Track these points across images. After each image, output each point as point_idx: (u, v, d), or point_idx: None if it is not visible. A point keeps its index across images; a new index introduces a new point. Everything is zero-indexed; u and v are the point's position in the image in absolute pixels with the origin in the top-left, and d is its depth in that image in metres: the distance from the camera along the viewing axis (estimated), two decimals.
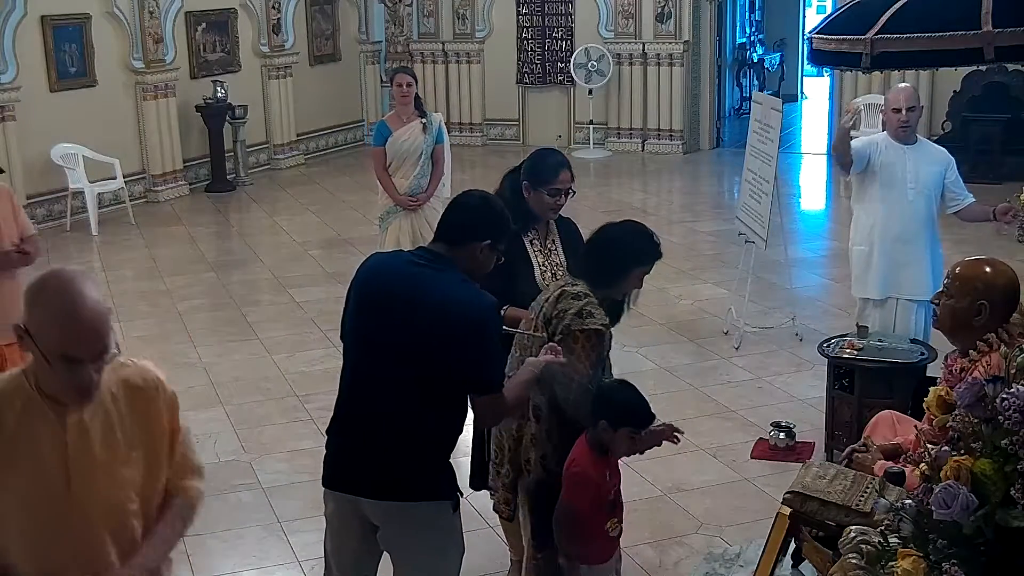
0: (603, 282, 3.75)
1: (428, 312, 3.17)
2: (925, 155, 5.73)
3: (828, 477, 3.67)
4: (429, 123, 7.42)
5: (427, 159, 7.36)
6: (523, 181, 4.31)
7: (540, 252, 4.31)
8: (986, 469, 2.33)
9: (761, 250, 7.43)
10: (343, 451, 3.37)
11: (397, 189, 7.35)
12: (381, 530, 3.34)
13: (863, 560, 2.58)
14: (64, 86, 11.20)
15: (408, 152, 7.34)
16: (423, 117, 7.43)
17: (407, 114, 7.43)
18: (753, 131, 7.72)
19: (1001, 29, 3.30)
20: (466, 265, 3.30)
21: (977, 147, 12.05)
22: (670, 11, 14.06)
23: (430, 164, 7.38)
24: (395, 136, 7.37)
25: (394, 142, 7.36)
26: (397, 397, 3.21)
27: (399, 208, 7.37)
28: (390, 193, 7.40)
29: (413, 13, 15.41)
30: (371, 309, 3.29)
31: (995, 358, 3.36)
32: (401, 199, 7.33)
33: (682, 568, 4.67)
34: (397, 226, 7.38)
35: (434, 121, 7.51)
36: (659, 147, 14.40)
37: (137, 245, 10.50)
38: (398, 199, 7.35)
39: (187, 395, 6.68)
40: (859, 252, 5.84)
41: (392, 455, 3.23)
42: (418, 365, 3.18)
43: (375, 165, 7.50)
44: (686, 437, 4.00)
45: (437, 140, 7.44)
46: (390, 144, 7.37)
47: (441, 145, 7.49)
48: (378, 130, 7.58)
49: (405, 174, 7.37)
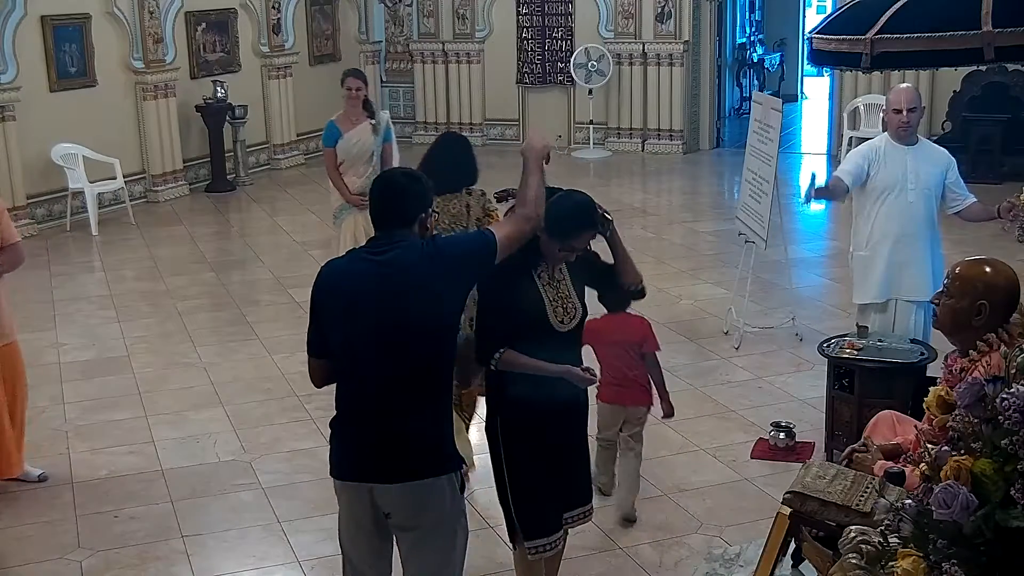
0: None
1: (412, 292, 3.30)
2: (926, 155, 5.73)
3: (828, 477, 3.67)
4: (378, 123, 7.64)
5: (378, 158, 7.60)
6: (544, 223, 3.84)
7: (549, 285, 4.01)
8: (986, 469, 2.33)
9: (761, 250, 7.43)
10: (353, 444, 3.43)
11: (349, 188, 7.54)
12: (393, 516, 3.41)
13: (863, 560, 2.59)
14: (64, 86, 11.20)
15: (359, 152, 7.57)
16: (372, 118, 7.64)
17: (356, 115, 7.62)
18: (753, 131, 7.72)
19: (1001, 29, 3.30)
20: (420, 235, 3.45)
21: (977, 147, 12.05)
22: (670, 11, 14.06)
23: (380, 163, 7.60)
24: (346, 137, 7.57)
25: (345, 143, 7.57)
26: (404, 391, 3.32)
27: (351, 206, 7.54)
28: (342, 192, 7.60)
29: (413, 13, 15.42)
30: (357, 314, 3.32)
31: (995, 358, 3.36)
32: (353, 198, 7.49)
33: (682, 568, 4.67)
34: (352, 222, 7.56)
35: (382, 121, 7.73)
36: (659, 147, 14.40)
37: (137, 245, 10.50)
38: (350, 198, 7.53)
39: (187, 395, 6.71)
40: (859, 258, 5.83)
41: (403, 441, 3.34)
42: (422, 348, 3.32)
43: (327, 165, 7.70)
44: (686, 437, 4.00)
45: (385, 139, 7.67)
46: (341, 145, 7.58)
47: (390, 144, 7.73)
48: (328, 131, 7.73)
49: (357, 173, 7.57)
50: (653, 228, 10.89)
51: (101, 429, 6.23)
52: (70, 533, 5.07)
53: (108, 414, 6.44)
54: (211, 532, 5.05)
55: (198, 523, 5.15)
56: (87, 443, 6.04)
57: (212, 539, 5.00)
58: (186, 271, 9.56)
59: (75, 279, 9.45)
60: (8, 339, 5.43)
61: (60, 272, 9.56)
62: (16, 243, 5.38)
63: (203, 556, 4.86)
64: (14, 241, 5.37)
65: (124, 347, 7.61)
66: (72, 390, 6.83)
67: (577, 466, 4.05)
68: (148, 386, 6.86)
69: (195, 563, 4.80)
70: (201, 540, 4.98)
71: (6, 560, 4.85)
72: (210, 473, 5.66)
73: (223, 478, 5.59)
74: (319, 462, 5.73)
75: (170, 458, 5.83)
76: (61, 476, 5.63)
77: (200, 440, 6.06)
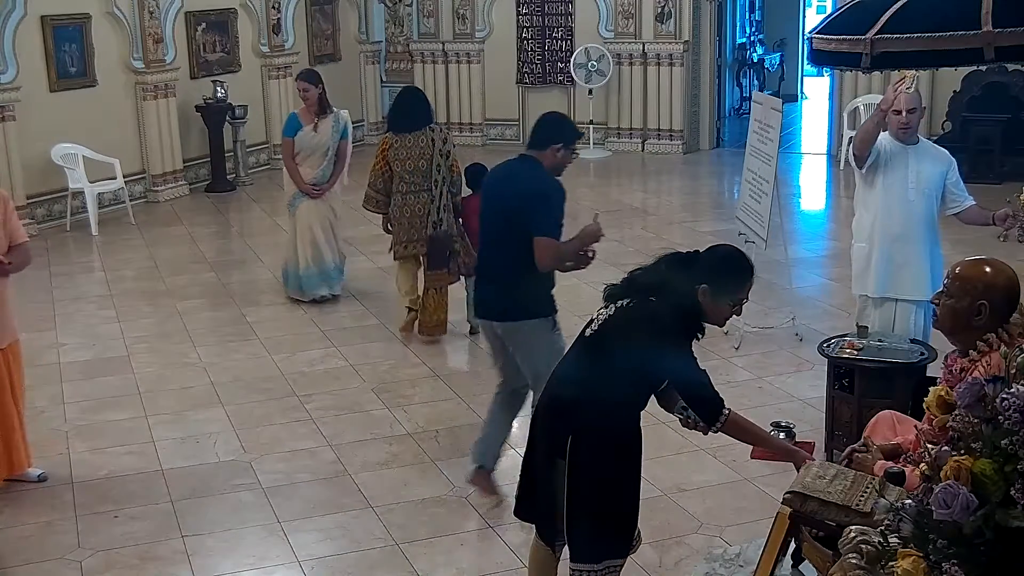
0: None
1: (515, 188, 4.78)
2: (927, 155, 5.73)
3: (828, 477, 3.67)
4: (336, 121, 8.14)
5: (332, 154, 8.12)
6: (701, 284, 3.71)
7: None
8: (986, 469, 2.33)
9: (761, 250, 7.43)
10: (482, 292, 4.97)
11: (303, 178, 8.09)
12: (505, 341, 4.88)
13: (863, 560, 2.59)
14: (64, 86, 11.20)
15: (316, 146, 8.07)
16: (331, 115, 8.13)
17: (315, 112, 8.08)
18: (753, 131, 7.72)
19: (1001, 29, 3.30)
20: (550, 162, 4.78)
21: (977, 147, 12.05)
22: (670, 11, 14.06)
23: (335, 158, 8.14)
24: (305, 131, 8.04)
25: (304, 136, 8.04)
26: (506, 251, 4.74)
27: (304, 195, 8.13)
28: (296, 180, 8.13)
29: (413, 13, 15.42)
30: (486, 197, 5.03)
31: (995, 358, 3.36)
32: (306, 187, 8.09)
33: (682, 568, 4.67)
34: (305, 210, 8.18)
35: (341, 119, 8.23)
36: (659, 147, 14.40)
37: (137, 245, 10.50)
38: (303, 187, 8.10)
39: (187, 395, 6.71)
40: (859, 249, 5.84)
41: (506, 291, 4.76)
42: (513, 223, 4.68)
43: (283, 154, 8.23)
44: (686, 437, 4.00)
45: (342, 136, 8.18)
46: (300, 138, 8.04)
47: (345, 140, 8.24)
48: (289, 122, 8.22)
49: (312, 165, 8.12)
50: (653, 228, 10.89)
51: (101, 429, 6.24)
52: (70, 533, 5.07)
53: (108, 414, 6.44)
54: (211, 532, 5.06)
55: (198, 523, 5.15)
56: (87, 443, 6.05)
57: (212, 539, 5.00)
58: (186, 271, 9.56)
59: (75, 279, 9.45)
60: (14, 337, 5.45)
61: (60, 272, 9.57)
62: (24, 243, 5.40)
63: (203, 556, 4.86)
64: (22, 241, 5.38)
65: (124, 347, 7.61)
66: (72, 390, 6.83)
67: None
68: (148, 386, 6.86)
69: (195, 563, 4.80)
70: (201, 540, 4.98)
71: (6, 560, 4.84)
72: (210, 473, 5.66)
73: (223, 478, 5.59)
74: (319, 462, 5.76)
75: (170, 458, 5.83)
76: (61, 476, 5.63)
77: (200, 440, 6.06)
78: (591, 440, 3.66)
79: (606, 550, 3.75)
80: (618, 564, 3.80)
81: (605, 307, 3.79)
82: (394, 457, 5.78)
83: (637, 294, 3.72)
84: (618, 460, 3.72)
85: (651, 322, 3.63)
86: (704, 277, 3.68)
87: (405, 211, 7.29)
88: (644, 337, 3.60)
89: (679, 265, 3.77)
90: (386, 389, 6.70)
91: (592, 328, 3.77)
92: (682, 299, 3.65)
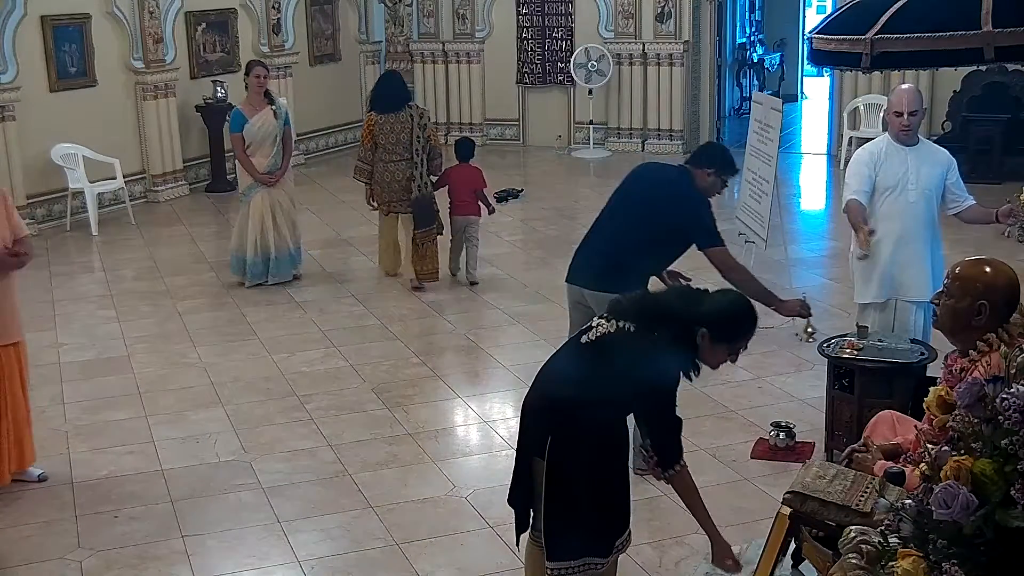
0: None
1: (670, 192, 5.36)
2: (927, 156, 5.73)
3: (828, 477, 3.67)
4: (278, 109, 8.66)
5: (279, 141, 8.63)
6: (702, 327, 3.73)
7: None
8: (986, 469, 2.33)
9: (761, 250, 7.43)
10: (577, 261, 5.38)
11: (257, 168, 8.57)
12: (590, 307, 5.06)
13: (863, 560, 2.59)
14: (64, 86, 11.19)
15: (264, 135, 8.57)
16: (272, 104, 8.63)
17: (258, 103, 8.60)
18: (753, 131, 7.73)
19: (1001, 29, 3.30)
20: (701, 182, 5.34)
21: (977, 147, 12.05)
22: (670, 11, 14.06)
23: (282, 145, 8.66)
24: (251, 123, 8.53)
25: (250, 128, 8.52)
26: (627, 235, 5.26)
27: (259, 184, 8.61)
28: (251, 172, 8.62)
29: (413, 13, 15.41)
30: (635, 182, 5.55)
31: (995, 358, 3.36)
32: (262, 177, 8.60)
33: (682, 568, 4.67)
34: (259, 199, 8.65)
35: (281, 107, 8.78)
36: (659, 147, 14.39)
37: (137, 245, 10.50)
38: (259, 177, 8.59)
39: (187, 395, 6.71)
40: (860, 263, 5.82)
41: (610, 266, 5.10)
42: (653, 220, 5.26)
43: (236, 149, 8.68)
44: (686, 437, 4.00)
45: (285, 123, 8.70)
46: (247, 130, 8.53)
47: (289, 127, 8.81)
48: (235, 118, 8.68)
49: (264, 154, 8.62)
50: None
51: (101, 429, 6.24)
52: (70, 533, 5.07)
53: (108, 414, 6.44)
54: (211, 532, 5.05)
55: (198, 523, 5.15)
56: (87, 443, 6.05)
57: (212, 539, 5.00)
58: (186, 271, 9.56)
59: (75, 279, 9.45)
60: (19, 335, 5.46)
61: (60, 272, 9.57)
62: (27, 235, 5.44)
63: (203, 556, 4.86)
64: (25, 234, 5.41)
65: (124, 347, 7.61)
66: (72, 390, 6.83)
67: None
68: (148, 386, 6.86)
69: (195, 563, 4.80)
70: (201, 540, 4.98)
71: (6, 560, 4.84)
72: (210, 473, 5.66)
73: (223, 478, 5.59)
74: (319, 462, 5.76)
75: (170, 458, 5.83)
76: (61, 476, 5.63)
77: (200, 440, 6.06)
78: (571, 443, 3.65)
79: (581, 548, 3.72)
80: (598, 564, 3.77)
81: (607, 320, 3.74)
82: (394, 457, 5.78)
83: (641, 320, 3.69)
84: (599, 463, 3.71)
85: (647, 357, 3.60)
86: (707, 320, 3.68)
87: (386, 176, 8.54)
88: (637, 370, 3.59)
89: (687, 300, 3.78)
90: (386, 389, 6.70)
91: (589, 337, 3.75)
92: (683, 339, 3.66)
